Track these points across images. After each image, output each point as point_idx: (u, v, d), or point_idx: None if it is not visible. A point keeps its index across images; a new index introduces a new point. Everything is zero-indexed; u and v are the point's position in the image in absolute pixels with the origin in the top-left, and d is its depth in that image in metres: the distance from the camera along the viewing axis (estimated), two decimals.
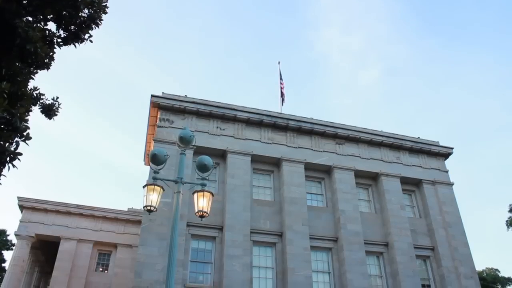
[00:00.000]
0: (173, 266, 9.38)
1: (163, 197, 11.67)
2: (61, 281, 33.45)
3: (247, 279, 22.66)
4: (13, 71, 8.42)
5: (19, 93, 8.38)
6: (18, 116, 7.98)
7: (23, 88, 8.64)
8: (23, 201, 35.30)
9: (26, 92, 8.75)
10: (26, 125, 8.15)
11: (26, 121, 8.24)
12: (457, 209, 29.63)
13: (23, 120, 8.15)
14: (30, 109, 8.92)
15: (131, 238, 35.38)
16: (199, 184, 10.32)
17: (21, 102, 8.43)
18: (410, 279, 25.51)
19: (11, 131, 7.89)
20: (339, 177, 27.68)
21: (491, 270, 51.64)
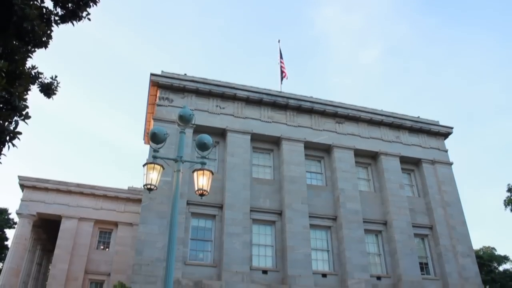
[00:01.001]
0: (173, 244, 9.45)
1: (163, 176, 11.70)
2: (63, 259, 33.85)
3: (247, 256, 22.91)
4: (10, 50, 8.33)
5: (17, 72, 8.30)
6: (16, 95, 7.93)
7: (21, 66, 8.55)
8: (24, 180, 35.44)
9: (24, 71, 8.67)
10: (25, 104, 8.11)
11: (25, 100, 8.20)
12: (456, 188, 29.79)
13: (22, 99, 8.10)
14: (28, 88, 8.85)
15: (131, 217, 35.64)
16: (199, 163, 10.32)
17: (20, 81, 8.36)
18: (408, 257, 25.79)
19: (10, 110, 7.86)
20: (338, 156, 27.74)
21: (488, 248, 52.14)
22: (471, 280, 26.42)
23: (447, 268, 26.42)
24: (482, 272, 33.58)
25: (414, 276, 25.35)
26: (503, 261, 49.24)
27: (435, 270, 26.92)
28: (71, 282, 33.37)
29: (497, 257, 49.54)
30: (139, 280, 20.66)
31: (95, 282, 34.85)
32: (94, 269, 34.77)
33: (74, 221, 35.32)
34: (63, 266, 33.61)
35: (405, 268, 25.33)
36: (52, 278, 33.52)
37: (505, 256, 49.71)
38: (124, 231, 35.90)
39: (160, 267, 20.63)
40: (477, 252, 43.46)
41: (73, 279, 33.53)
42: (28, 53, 8.96)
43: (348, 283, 23.84)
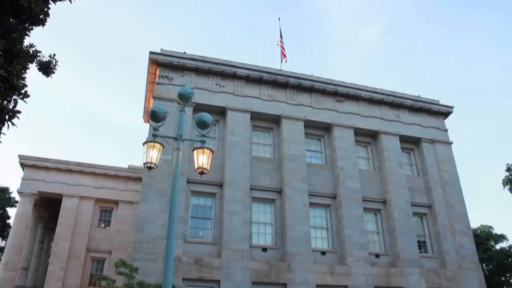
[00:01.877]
0: (173, 222, 9.51)
1: (163, 154, 11.71)
2: (65, 237, 34.15)
3: (247, 234, 23.11)
4: (7, 28, 8.23)
5: (15, 50, 8.22)
6: (15, 73, 7.86)
7: (18, 45, 8.47)
8: (24, 159, 35.51)
9: (22, 49, 8.59)
10: (23, 83, 8.05)
11: (23, 79, 8.13)
12: (455, 167, 29.88)
13: (20, 78, 8.04)
14: (27, 66, 8.77)
15: (132, 195, 35.82)
16: (199, 141, 10.32)
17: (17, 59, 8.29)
18: (407, 236, 26.03)
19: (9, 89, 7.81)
20: (338, 135, 27.75)
21: (485, 227, 52.49)
22: (468, 258, 26.73)
23: (445, 247, 26.69)
24: (479, 251, 33.92)
25: (412, 254, 25.63)
26: (500, 240, 49.64)
27: (432, 248, 27.20)
28: (73, 259, 33.75)
29: (494, 235, 49.93)
30: (140, 257, 20.87)
31: (96, 259, 35.22)
32: (96, 247, 35.11)
33: (75, 199, 35.52)
34: (64, 244, 33.93)
35: (403, 246, 25.60)
36: (54, 255, 33.89)
37: (502, 235, 50.10)
38: (124, 209, 36.13)
39: (161, 244, 20.82)
40: (475, 231, 43.82)
41: (75, 256, 33.90)
42: (25, 31, 8.85)
43: (347, 261, 24.11)
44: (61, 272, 33.06)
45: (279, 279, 22.54)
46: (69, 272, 33.31)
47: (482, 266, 35.04)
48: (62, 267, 33.19)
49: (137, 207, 25.67)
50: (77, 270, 33.65)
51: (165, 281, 9.04)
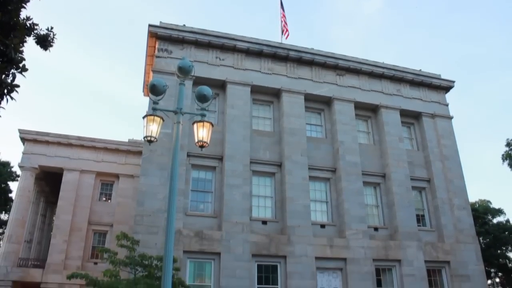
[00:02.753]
0: (174, 195, 9.57)
1: (163, 128, 11.72)
2: (67, 210, 34.47)
3: (247, 207, 23.30)
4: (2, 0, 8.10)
5: (11, 23, 8.10)
6: (12, 47, 7.77)
7: (15, 17, 8.33)
8: (24, 134, 35.53)
9: (18, 22, 8.45)
10: (21, 57, 7.97)
11: (21, 52, 8.04)
12: (455, 142, 29.92)
13: (18, 51, 7.95)
14: (24, 40, 8.65)
15: (132, 168, 35.98)
16: (199, 115, 10.30)
17: (14, 32, 8.17)
18: (406, 209, 26.25)
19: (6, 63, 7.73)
20: (338, 109, 27.68)
21: (484, 201, 52.85)
22: (465, 232, 27.03)
23: (443, 220, 26.96)
24: (476, 224, 34.25)
25: (410, 227, 25.90)
26: (497, 214, 50.06)
27: (431, 222, 27.47)
28: (75, 232, 34.14)
29: (492, 210, 50.33)
30: (141, 230, 21.10)
31: (98, 232, 35.62)
32: (97, 220, 35.46)
33: (75, 173, 35.69)
34: (66, 217, 34.27)
35: (402, 220, 25.85)
36: (57, 228, 34.25)
37: (500, 209, 50.51)
38: (125, 183, 36.33)
39: (162, 217, 21.01)
40: (473, 205, 44.17)
41: (77, 229, 34.29)
42: (21, 3, 8.69)
43: (346, 234, 24.38)
44: (64, 244, 33.49)
45: (279, 252, 22.84)
46: (72, 245, 33.75)
47: (479, 239, 35.45)
48: (65, 240, 33.60)
49: (138, 180, 25.82)
50: (80, 243, 34.09)
51: (166, 254, 9.16)
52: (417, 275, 24.81)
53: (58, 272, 32.12)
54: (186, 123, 19.94)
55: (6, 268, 32.30)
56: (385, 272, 24.99)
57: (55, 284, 32.15)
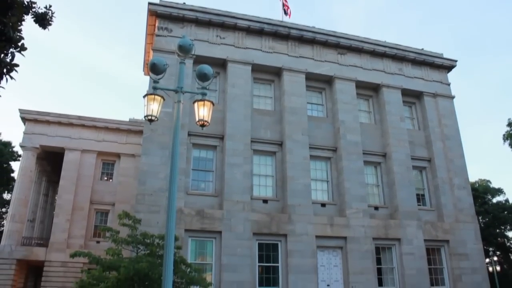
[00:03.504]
0: (175, 174, 9.59)
1: (164, 107, 11.69)
2: (68, 190, 34.66)
3: (248, 186, 23.42)
4: None
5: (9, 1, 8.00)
6: (10, 25, 7.68)
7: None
8: (25, 113, 35.52)
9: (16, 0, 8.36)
10: (20, 35, 7.88)
11: (19, 31, 7.95)
12: (456, 122, 29.88)
13: (16, 30, 7.86)
14: (22, 18, 8.55)
15: (133, 148, 36.04)
16: (200, 93, 10.25)
17: (12, 11, 8.06)
18: (406, 189, 26.37)
19: (5, 42, 7.66)
20: (340, 88, 27.57)
21: (483, 181, 53.10)
22: (465, 211, 27.20)
23: (443, 200, 27.11)
24: (476, 204, 34.46)
25: (410, 206, 26.06)
26: (497, 194, 50.36)
27: (431, 201, 27.62)
28: (77, 211, 34.40)
29: (491, 189, 50.60)
30: (142, 209, 21.25)
31: (100, 211, 35.88)
32: (99, 199, 35.68)
33: (77, 153, 35.78)
34: (68, 196, 34.48)
35: (402, 199, 25.99)
36: (59, 208, 34.51)
37: (499, 189, 50.78)
38: (126, 162, 36.45)
39: (163, 196, 21.12)
40: (473, 185, 44.36)
41: (79, 209, 34.54)
42: None
43: (346, 213, 24.54)
44: (66, 224, 33.79)
45: (280, 230, 23.02)
46: (74, 224, 34.05)
47: (478, 219, 35.71)
48: (67, 219, 33.89)
49: (139, 160, 25.90)
50: (82, 222, 34.38)
51: (168, 232, 9.23)
52: (416, 253, 25.06)
53: (61, 251, 32.49)
54: (187, 102, 19.88)
55: (10, 246, 32.67)
56: (385, 250, 25.24)
57: (58, 262, 32.54)
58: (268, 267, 22.74)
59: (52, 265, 32.65)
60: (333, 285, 23.48)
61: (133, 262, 13.91)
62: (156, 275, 13.56)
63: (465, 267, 25.81)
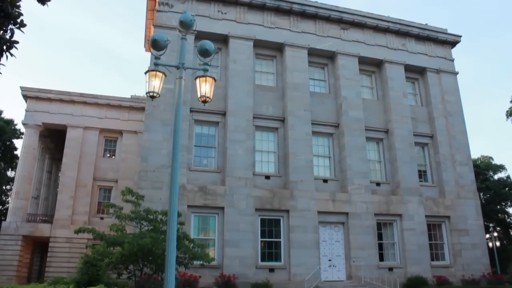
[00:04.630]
0: (177, 150, 9.61)
1: (166, 84, 11.63)
2: (72, 167, 34.81)
3: (250, 162, 23.51)
4: None
5: None
6: (9, 1, 7.60)
7: None
8: (27, 91, 35.43)
9: None
10: (18, 11, 7.79)
11: (18, 7, 7.86)
12: (459, 98, 29.77)
13: (15, 6, 7.77)
14: None
15: (136, 125, 36.04)
16: (201, 69, 10.18)
17: None
18: (408, 165, 26.43)
19: (4, 18, 7.58)
20: (342, 63, 27.38)
21: (486, 158, 53.01)
22: (466, 188, 27.32)
23: (445, 176, 27.20)
24: (477, 180, 34.46)
25: (412, 182, 26.18)
26: (498, 170, 50.33)
27: (433, 177, 27.72)
28: (80, 188, 34.62)
29: (493, 166, 50.55)
30: (145, 185, 21.41)
31: (103, 188, 36.08)
32: (102, 176, 35.84)
33: (79, 130, 35.80)
34: (72, 173, 34.65)
35: (404, 175, 26.09)
36: (63, 185, 34.71)
37: (501, 165, 50.72)
38: (129, 139, 36.49)
39: (166, 173, 21.24)
40: (475, 161, 44.37)
41: (82, 185, 34.74)
42: None
43: (348, 188, 24.68)
44: (70, 200, 34.05)
45: (282, 206, 23.20)
46: (78, 201, 34.31)
47: (480, 195, 35.80)
48: (71, 196, 34.13)
49: (141, 136, 25.92)
50: (86, 199, 34.62)
51: (171, 208, 9.30)
52: (417, 229, 25.28)
53: (66, 227, 32.83)
54: (189, 79, 19.72)
55: (16, 223, 33.03)
56: (386, 226, 25.46)
57: (63, 238, 32.92)
58: (270, 242, 23.02)
59: (57, 241, 33.06)
60: (335, 260, 23.79)
61: (137, 237, 14.09)
62: (159, 250, 13.75)
63: (465, 242, 26.06)
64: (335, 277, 23.47)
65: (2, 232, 32.89)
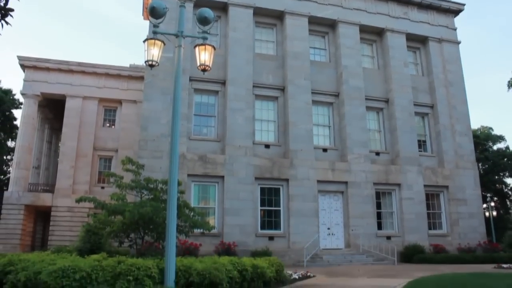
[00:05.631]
0: (177, 119, 9.62)
1: (165, 52, 11.55)
2: (71, 137, 34.86)
3: (250, 131, 23.53)
4: None
5: None
6: None
7: None
8: (24, 60, 35.13)
9: None
10: None
11: None
12: (461, 68, 29.55)
13: None
14: None
15: (135, 94, 35.89)
16: (200, 38, 10.11)
17: None
18: (407, 135, 26.46)
19: None
20: (343, 32, 27.04)
21: (485, 128, 53.04)
22: (465, 158, 27.42)
23: (444, 146, 27.26)
24: (476, 151, 34.62)
25: (411, 152, 26.25)
26: (498, 141, 50.46)
27: (432, 147, 27.79)
28: (81, 158, 34.75)
29: (493, 136, 50.64)
30: (145, 155, 21.48)
31: (103, 157, 36.22)
32: (102, 145, 35.92)
33: (78, 100, 35.69)
34: (72, 143, 34.72)
35: (403, 145, 26.14)
36: (63, 155, 34.83)
37: (501, 136, 50.84)
38: (128, 109, 36.41)
39: (165, 142, 21.26)
40: (475, 132, 44.39)
41: (82, 155, 34.87)
42: None
43: (347, 158, 24.77)
44: (71, 170, 34.23)
45: (281, 175, 23.34)
46: (79, 170, 34.50)
47: (478, 165, 35.97)
48: (72, 165, 34.30)
49: (141, 106, 25.85)
50: (86, 168, 34.81)
51: (171, 177, 9.36)
52: (416, 198, 25.51)
53: (67, 196, 33.11)
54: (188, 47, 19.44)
55: (18, 193, 33.32)
56: (385, 195, 25.68)
57: (65, 207, 33.26)
58: (270, 211, 23.26)
59: (59, 210, 33.41)
60: (334, 228, 24.09)
61: (138, 206, 14.15)
62: (160, 219, 13.84)
63: (462, 212, 26.34)
64: (334, 245, 23.82)
65: (5, 202, 33.26)
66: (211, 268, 9.43)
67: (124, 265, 8.80)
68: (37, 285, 8.26)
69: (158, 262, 9.53)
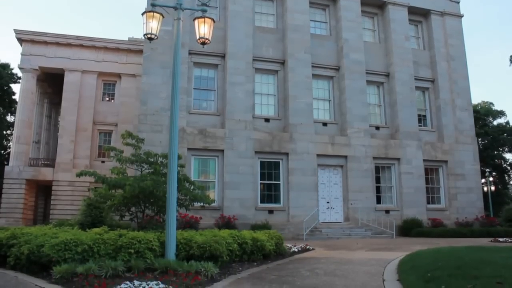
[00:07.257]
0: (176, 93, 9.60)
1: (164, 25, 11.41)
2: (71, 111, 34.77)
3: (250, 105, 23.47)
4: None
5: None
6: None
7: None
8: (21, 34, 34.75)
9: None
10: None
11: None
12: (463, 42, 29.27)
13: None
14: None
15: (134, 68, 35.62)
16: (200, 10, 10.02)
17: None
18: (408, 109, 26.40)
19: None
20: (344, 4, 26.67)
21: (486, 103, 52.92)
22: (465, 133, 27.44)
23: (444, 121, 27.24)
24: (476, 126, 34.57)
25: (411, 127, 26.25)
26: (498, 116, 50.40)
27: (432, 122, 27.77)
28: (80, 132, 34.74)
29: (493, 112, 50.55)
30: (145, 129, 21.47)
31: (103, 132, 36.20)
32: (102, 120, 35.86)
33: (77, 74, 35.45)
34: (71, 118, 34.66)
35: (403, 119, 26.12)
36: (63, 129, 34.80)
37: (501, 111, 50.76)
38: (127, 83, 36.20)
39: (165, 116, 21.20)
40: (475, 107, 44.30)
41: (82, 129, 34.85)
42: None
43: (347, 132, 24.77)
44: (71, 144, 34.27)
45: (281, 149, 23.39)
46: (79, 145, 34.53)
47: (478, 140, 35.99)
48: (72, 140, 34.32)
49: (140, 80, 25.70)
50: (86, 142, 34.83)
51: (171, 151, 9.39)
52: (415, 173, 25.62)
53: (68, 171, 33.24)
54: (187, 20, 19.22)
55: (19, 167, 33.44)
56: (384, 169, 25.77)
57: (66, 181, 33.42)
58: (269, 185, 23.39)
59: (60, 184, 33.59)
60: (333, 202, 24.27)
61: (138, 180, 14.21)
62: (160, 192, 13.92)
63: (461, 186, 26.51)
64: (333, 218, 24.05)
65: (6, 176, 33.42)
66: (211, 241, 9.54)
67: (125, 238, 8.92)
68: (40, 258, 8.38)
69: (159, 235, 9.66)
